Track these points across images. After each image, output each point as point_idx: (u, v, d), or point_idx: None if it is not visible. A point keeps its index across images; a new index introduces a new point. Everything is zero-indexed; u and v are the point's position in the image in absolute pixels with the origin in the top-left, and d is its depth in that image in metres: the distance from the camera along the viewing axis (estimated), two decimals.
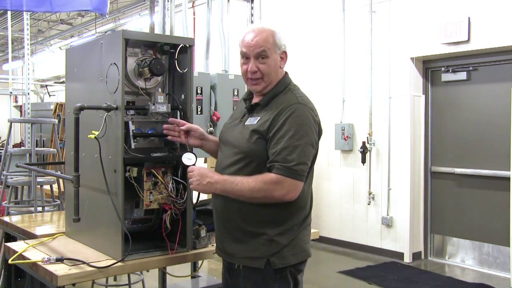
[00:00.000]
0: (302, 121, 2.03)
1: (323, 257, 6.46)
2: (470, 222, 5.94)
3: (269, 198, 2.02)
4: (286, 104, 2.07)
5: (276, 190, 1.98)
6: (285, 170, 1.98)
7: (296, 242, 2.10)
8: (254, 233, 2.07)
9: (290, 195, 2.01)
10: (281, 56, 2.17)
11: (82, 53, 2.80)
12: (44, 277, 2.28)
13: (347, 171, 6.85)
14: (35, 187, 4.93)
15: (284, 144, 1.99)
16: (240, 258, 2.12)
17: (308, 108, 2.08)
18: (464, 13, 5.60)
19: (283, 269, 2.07)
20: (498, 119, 5.60)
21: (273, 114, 2.06)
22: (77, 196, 2.33)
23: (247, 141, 2.09)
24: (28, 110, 6.33)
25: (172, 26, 3.68)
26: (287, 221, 2.08)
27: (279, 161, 1.99)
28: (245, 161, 2.10)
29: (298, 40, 7.29)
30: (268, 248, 2.06)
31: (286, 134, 2.00)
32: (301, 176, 2.01)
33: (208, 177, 2.12)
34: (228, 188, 2.07)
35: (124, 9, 10.52)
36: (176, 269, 3.31)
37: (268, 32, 2.13)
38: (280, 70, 2.19)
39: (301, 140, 2.00)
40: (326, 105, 6.91)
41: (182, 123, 2.36)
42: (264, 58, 2.12)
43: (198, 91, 3.22)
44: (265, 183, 1.99)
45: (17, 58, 13.90)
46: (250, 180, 2.02)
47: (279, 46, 2.14)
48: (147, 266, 2.46)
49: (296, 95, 2.12)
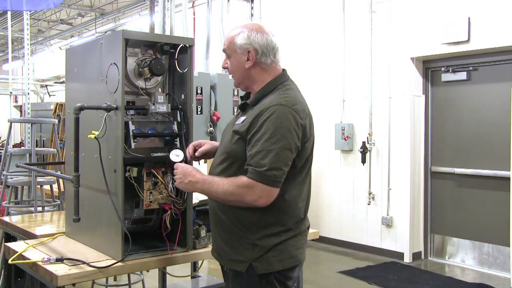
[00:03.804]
0: (280, 123, 1.93)
1: (323, 257, 6.46)
2: (470, 222, 5.94)
3: (241, 202, 1.97)
4: (267, 105, 1.98)
5: (247, 194, 1.92)
6: (256, 174, 1.90)
7: (284, 248, 2.02)
8: (239, 236, 2.03)
9: (262, 201, 1.93)
10: (248, 57, 2.08)
11: (82, 53, 2.80)
12: (44, 277, 2.28)
13: (347, 171, 6.85)
14: (35, 187, 4.93)
15: (259, 147, 1.92)
16: (226, 260, 2.10)
17: (290, 110, 1.96)
18: (464, 13, 5.60)
19: (268, 274, 2.01)
20: (498, 119, 5.60)
21: (254, 115, 2.00)
22: (77, 196, 2.33)
23: (229, 141, 2.06)
24: (28, 110, 6.33)
25: (172, 26, 3.68)
26: (271, 226, 2.01)
27: (252, 164, 1.92)
28: (228, 161, 2.06)
29: (298, 40, 7.29)
30: (251, 252, 2.00)
31: (262, 137, 1.92)
32: (274, 181, 1.91)
33: (191, 175, 2.10)
34: (205, 189, 2.05)
35: (124, 9, 10.53)
36: (176, 269, 3.31)
37: (235, 31, 2.11)
38: (252, 69, 2.09)
39: (277, 143, 1.90)
40: (326, 105, 6.91)
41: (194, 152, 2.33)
42: (228, 57, 2.16)
43: (198, 91, 3.22)
44: (237, 186, 1.94)
45: (17, 58, 13.90)
46: (225, 182, 1.98)
47: (240, 46, 2.08)
48: (147, 266, 2.46)
49: (282, 96, 2.03)
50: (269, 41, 2.09)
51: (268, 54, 2.09)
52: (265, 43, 2.08)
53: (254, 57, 2.08)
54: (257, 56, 2.08)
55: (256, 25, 2.12)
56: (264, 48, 2.08)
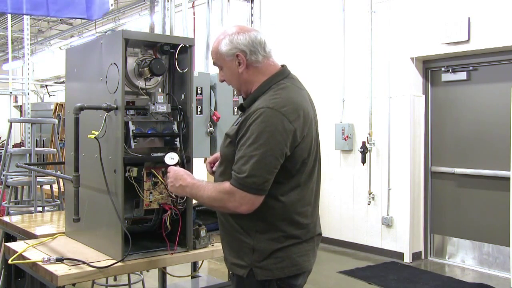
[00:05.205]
0: (264, 128, 1.83)
1: (323, 257, 6.46)
2: (470, 222, 5.94)
3: (224, 208, 1.93)
4: (255, 108, 1.90)
5: (229, 201, 1.87)
6: (236, 181, 1.84)
7: (285, 255, 1.94)
8: (240, 240, 1.99)
9: (243, 208, 1.86)
10: (238, 61, 2.00)
11: (82, 53, 2.80)
12: (44, 277, 2.28)
13: (347, 171, 6.85)
14: (35, 187, 4.93)
15: (242, 152, 1.86)
16: (230, 264, 2.07)
17: (278, 113, 1.85)
18: (464, 13, 5.60)
19: (269, 281, 1.94)
20: (498, 119, 5.60)
21: (243, 117, 1.93)
22: (77, 196, 2.33)
23: (222, 144, 2.03)
24: (28, 110, 6.33)
25: (172, 26, 3.68)
26: (269, 231, 1.94)
27: (235, 170, 1.86)
28: (223, 165, 2.02)
29: (298, 40, 7.29)
30: (250, 257, 1.95)
31: (246, 142, 1.85)
32: (254, 189, 1.83)
33: (181, 179, 2.07)
34: (194, 193, 2.03)
35: (124, 9, 10.52)
36: (176, 269, 3.31)
37: (217, 42, 2.04)
38: (246, 72, 2.02)
39: (259, 149, 1.82)
40: (326, 105, 6.90)
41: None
42: (221, 69, 2.10)
43: (198, 91, 3.21)
44: (220, 192, 1.90)
45: (17, 58, 13.89)
46: (210, 187, 1.95)
47: (226, 53, 2.00)
48: (147, 266, 2.46)
49: (271, 97, 1.92)
50: (253, 37, 2.00)
51: (257, 50, 2.00)
52: (250, 41, 1.99)
53: (244, 59, 1.99)
54: (247, 57, 1.99)
55: (235, 28, 2.04)
56: (251, 46, 1.99)
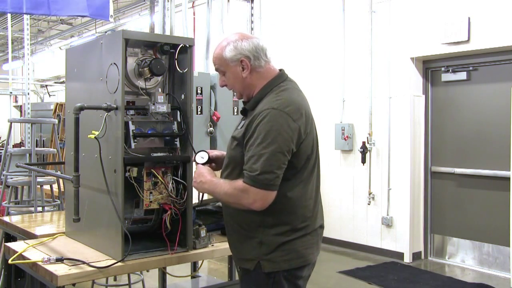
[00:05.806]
0: (271, 127, 1.96)
1: (323, 257, 6.41)
2: (470, 222, 5.94)
3: (239, 205, 2.03)
4: (260, 109, 2.02)
5: (243, 198, 1.98)
6: (249, 179, 1.95)
7: (291, 247, 2.05)
8: (247, 237, 2.09)
9: (257, 204, 1.97)
10: (242, 66, 2.11)
11: (82, 53, 2.80)
12: (44, 277, 2.28)
13: (347, 171, 6.85)
14: (35, 187, 4.93)
15: (252, 152, 1.97)
16: (237, 259, 2.18)
17: (282, 113, 1.98)
18: (464, 13, 5.60)
19: (276, 273, 2.04)
20: (498, 119, 5.60)
21: (249, 120, 2.05)
22: (77, 196, 2.33)
23: (229, 147, 2.14)
24: (28, 110, 6.33)
25: (172, 26, 3.68)
26: (277, 226, 2.05)
27: (247, 169, 1.97)
28: (230, 167, 2.14)
29: (298, 40, 7.29)
30: (258, 251, 2.06)
31: (254, 142, 1.97)
32: (267, 185, 1.94)
33: (202, 176, 2.18)
34: (211, 190, 2.14)
35: (124, 9, 10.52)
36: (176, 269, 3.32)
37: (220, 48, 2.14)
38: (249, 77, 2.12)
39: (268, 148, 1.94)
40: (326, 105, 6.91)
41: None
42: (223, 74, 2.18)
43: (198, 91, 3.22)
44: (235, 189, 2.00)
45: (17, 58, 13.89)
46: (226, 184, 2.06)
47: (231, 59, 2.11)
48: (147, 266, 2.46)
49: (274, 99, 2.05)
50: (255, 44, 2.12)
51: (260, 56, 2.12)
52: (253, 47, 2.11)
53: (248, 64, 2.11)
54: (251, 62, 2.11)
55: (237, 35, 2.15)
56: (254, 52, 2.11)
